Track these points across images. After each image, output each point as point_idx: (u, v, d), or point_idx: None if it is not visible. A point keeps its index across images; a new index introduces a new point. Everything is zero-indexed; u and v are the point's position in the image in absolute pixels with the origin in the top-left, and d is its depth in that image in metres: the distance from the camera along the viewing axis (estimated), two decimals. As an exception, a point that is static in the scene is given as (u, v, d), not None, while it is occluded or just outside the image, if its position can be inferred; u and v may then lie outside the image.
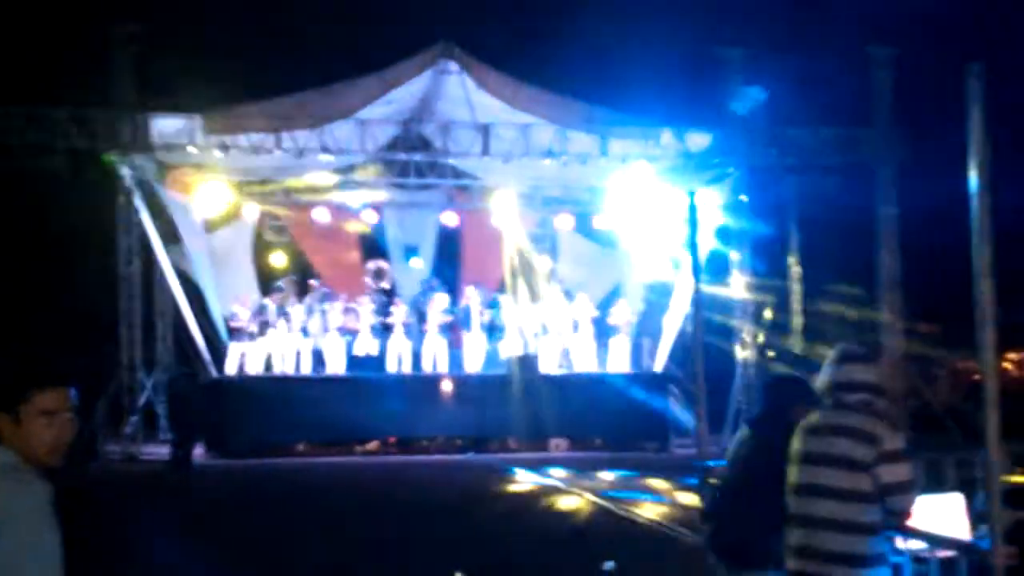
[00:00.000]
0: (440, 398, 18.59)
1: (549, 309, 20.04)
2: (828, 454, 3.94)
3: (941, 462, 5.95)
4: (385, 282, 21.50)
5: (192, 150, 17.79)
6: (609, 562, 6.87)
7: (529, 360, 19.37)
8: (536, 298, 20.48)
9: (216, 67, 19.25)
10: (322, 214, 21.17)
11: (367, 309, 19.45)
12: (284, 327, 18.83)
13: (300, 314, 18.96)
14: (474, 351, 19.56)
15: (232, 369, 18.69)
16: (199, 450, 17.40)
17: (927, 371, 19.90)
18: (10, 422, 2.78)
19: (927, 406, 18.71)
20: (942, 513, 4.80)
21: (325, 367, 18.84)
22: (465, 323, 19.66)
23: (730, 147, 18.98)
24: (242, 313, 18.75)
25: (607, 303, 20.45)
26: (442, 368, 19.20)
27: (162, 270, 18.95)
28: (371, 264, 21.78)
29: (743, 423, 5.37)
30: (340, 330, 19.10)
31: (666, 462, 16.17)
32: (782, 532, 4.13)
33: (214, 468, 16.90)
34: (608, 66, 20.25)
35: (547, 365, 19.50)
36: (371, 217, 21.66)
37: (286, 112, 17.81)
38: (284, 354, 18.78)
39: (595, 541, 10.09)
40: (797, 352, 20.44)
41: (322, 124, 18.09)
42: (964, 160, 3.56)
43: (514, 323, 19.79)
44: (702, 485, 5.68)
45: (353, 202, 21.07)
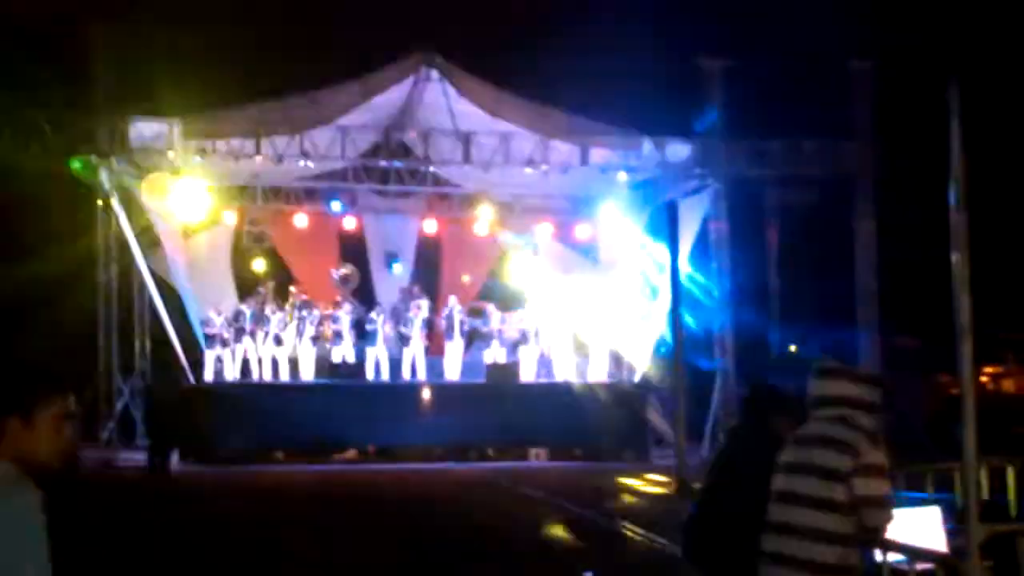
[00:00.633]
0: (419, 406, 18.49)
1: (529, 318, 20.04)
2: (807, 463, 3.96)
3: (920, 476, 5.98)
4: (352, 284, 21.35)
5: (171, 154, 17.70)
6: (588, 572, 6.86)
7: (509, 369, 19.37)
8: (516, 307, 20.47)
9: (196, 71, 19.16)
10: (302, 220, 21.11)
11: (346, 317, 19.39)
12: (261, 334, 18.75)
13: (278, 321, 18.89)
14: (454, 359, 19.53)
15: (209, 376, 18.59)
16: (175, 457, 17.29)
17: (905, 384, 19.98)
18: (21, 425, 2.76)
19: (904, 419, 18.78)
20: (919, 526, 4.82)
21: (300, 375, 18.76)
22: (446, 331, 19.63)
23: (710, 159, 19.07)
24: (216, 319, 18.66)
25: (586, 312, 20.45)
26: (421, 376, 19.16)
27: (140, 275, 18.84)
28: (335, 271, 21.47)
29: (722, 433, 5.38)
30: (317, 339, 19.02)
31: (645, 471, 16.17)
32: (760, 541, 4.13)
33: (191, 475, 16.78)
34: (589, 76, 20.29)
35: (526, 374, 19.50)
36: (351, 223, 21.63)
37: (266, 117, 17.76)
38: (261, 361, 18.70)
39: (573, 550, 10.06)
40: (776, 362, 20.51)
41: (302, 130, 18.06)
42: (943, 173, 3.58)
43: (494, 332, 19.79)
44: (682, 495, 5.69)
45: (333, 208, 21.03)
